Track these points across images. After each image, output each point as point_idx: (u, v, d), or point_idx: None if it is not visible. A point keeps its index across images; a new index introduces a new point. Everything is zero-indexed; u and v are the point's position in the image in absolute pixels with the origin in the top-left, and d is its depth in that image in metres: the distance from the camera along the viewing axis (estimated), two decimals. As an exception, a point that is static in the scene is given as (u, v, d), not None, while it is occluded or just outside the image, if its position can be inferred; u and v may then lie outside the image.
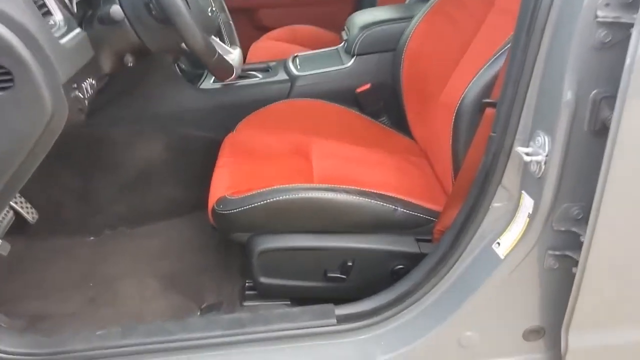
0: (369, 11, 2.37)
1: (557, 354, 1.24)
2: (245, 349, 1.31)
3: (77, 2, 1.44)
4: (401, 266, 1.48)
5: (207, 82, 2.14)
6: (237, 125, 1.92)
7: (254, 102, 2.02)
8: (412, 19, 1.99)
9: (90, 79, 1.38)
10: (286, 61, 2.24)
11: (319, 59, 2.24)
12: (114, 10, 1.48)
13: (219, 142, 1.84)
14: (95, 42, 1.43)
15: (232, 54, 1.75)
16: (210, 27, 1.66)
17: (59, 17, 1.29)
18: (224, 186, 1.57)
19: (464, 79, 1.45)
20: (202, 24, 1.51)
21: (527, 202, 1.16)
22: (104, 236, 2.05)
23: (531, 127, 1.13)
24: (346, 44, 2.21)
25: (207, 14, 1.65)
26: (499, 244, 1.22)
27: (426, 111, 1.75)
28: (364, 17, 2.24)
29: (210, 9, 1.68)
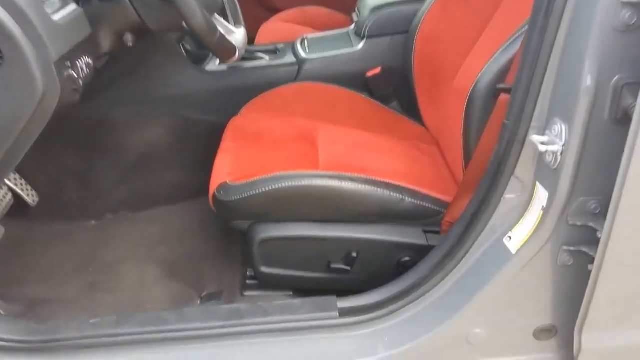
0: (380, -8, 2.32)
1: (570, 355, 1.22)
2: (242, 340, 1.29)
3: (74, -23, 1.41)
4: (407, 258, 1.45)
5: (213, 64, 2.11)
6: (242, 108, 1.89)
7: (260, 85, 1.99)
8: (425, 0, 1.95)
9: (86, 58, 1.37)
10: (294, 43, 2.21)
11: (328, 42, 2.21)
12: None
13: (223, 126, 1.81)
14: (92, 20, 1.41)
15: (236, 34, 1.71)
16: (212, 5, 1.62)
17: (51, -8, 1.27)
18: (226, 171, 1.54)
19: (478, 64, 1.41)
20: (204, 2, 1.47)
21: (542, 195, 1.13)
22: (105, 220, 2.04)
23: (547, 114, 1.09)
24: (356, 26, 2.18)
25: (209, -9, 1.60)
26: (510, 237, 1.19)
27: (438, 96, 1.71)
28: (376, -3, 2.20)
29: (213, -15, 1.63)
